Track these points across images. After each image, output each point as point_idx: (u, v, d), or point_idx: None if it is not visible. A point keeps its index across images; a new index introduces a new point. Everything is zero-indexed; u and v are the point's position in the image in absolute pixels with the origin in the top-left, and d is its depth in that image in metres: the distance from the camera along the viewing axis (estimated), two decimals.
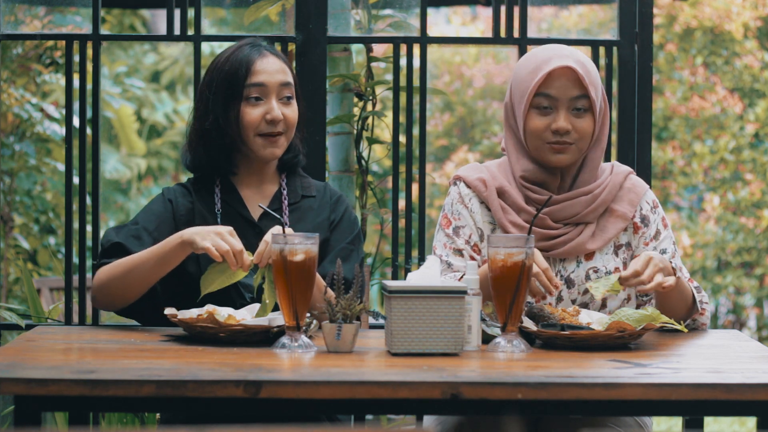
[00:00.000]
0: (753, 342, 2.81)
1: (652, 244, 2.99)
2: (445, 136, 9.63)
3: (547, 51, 2.94)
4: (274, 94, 3.01)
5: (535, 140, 2.93)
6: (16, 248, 6.41)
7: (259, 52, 3.03)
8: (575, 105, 2.91)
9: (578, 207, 2.95)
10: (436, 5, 6.74)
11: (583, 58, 2.94)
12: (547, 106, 2.91)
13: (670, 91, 8.75)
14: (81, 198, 3.71)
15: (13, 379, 2.23)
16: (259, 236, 2.96)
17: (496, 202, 2.97)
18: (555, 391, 2.26)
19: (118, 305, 2.93)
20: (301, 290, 2.55)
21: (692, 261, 8.40)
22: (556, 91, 2.90)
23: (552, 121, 2.91)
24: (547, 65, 2.89)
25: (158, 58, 10.60)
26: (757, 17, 8.78)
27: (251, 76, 3.00)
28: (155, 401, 2.31)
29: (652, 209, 3.02)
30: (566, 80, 2.90)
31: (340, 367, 2.40)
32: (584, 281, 2.95)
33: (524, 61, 2.97)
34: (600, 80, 2.96)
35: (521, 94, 2.93)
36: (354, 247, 3.04)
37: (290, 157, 3.09)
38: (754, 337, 8.57)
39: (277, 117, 2.99)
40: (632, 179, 3.03)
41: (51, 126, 6.46)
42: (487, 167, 3.04)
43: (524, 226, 2.93)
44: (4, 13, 3.85)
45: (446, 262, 2.97)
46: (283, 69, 3.03)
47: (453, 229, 3.00)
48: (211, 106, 3.01)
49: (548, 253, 2.93)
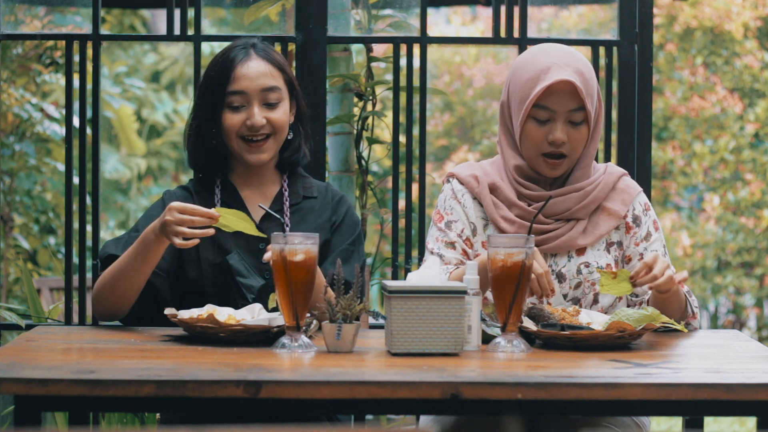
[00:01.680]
0: (753, 342, 2.81)
1: (643, 245, 3.01)
2: (445, 136, 9.63)
3: (546, 57, 2.94)
4: (256, 101, 3.00)
5: (531, 150, 2.96)
6: (16, 248, 6.41)
7: (245, 55, 3.01)
8: (572, 117, 2.93)
9: (570, 203, 2.98)
10: (436, 5, 6.74)
11: (581, 64, 2.94)
12: (546, 119, 2.92)
13: (670, 91, 8.75)
14: (81, 198, 3.71)
15: (13, 379, 2.23)
16: (260, 238, 2.96)
17: (488, 198, 3.00)
18: (555, 391, 2.26)
19: (117, 313, 2.92)
20: (301, 290, 2.55)
21: (692, 261, 8.40)
22: (554, 105, 2.91)
23: (548, 131, 2.93)
24: (546, 76, 2.89)
25: (158, 58, 10.60)
26: (757, 17, 8.78)
27: (232, 83, 2.99)
28: (155, 401, 2.31)
29: (644, 211, 3.04)
30: (565, 94, 2.91)
31: (340, 367, 2.40)
32: (576, 275, 2.97)
33: (524, 64, 2.97)
34: (596, 81, 2.97)
35: (519, 101, 2.94)
36: (355, 248, 3.04)
37: (289, 155, 3.08)
38: (754, 337, 8.57)
39: (256, 123, 2.98)
40: (626, 180, 3.05)
41: (51, 126, 6.46)
42: (480, 165, 3.07)
43: (515, 221, 2.96)
44: (4, 13, 3.85)
45: (438, 254, 2.99)
46: (269, 72, 3.01)
47: (445, 223, 3.03)
48: (198, 110, 3.03)
49: (539, 248, 2.95)
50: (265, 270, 2.96)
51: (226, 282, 2.95)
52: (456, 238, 3.00)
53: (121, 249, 2.93)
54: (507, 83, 3.00)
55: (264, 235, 2.87)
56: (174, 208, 2.76)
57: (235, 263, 2.95)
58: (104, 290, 2.88)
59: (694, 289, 8.31)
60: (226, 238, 2.97)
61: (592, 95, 2.93)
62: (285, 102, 3.03)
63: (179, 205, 2.76)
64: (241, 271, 2.94)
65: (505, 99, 3.00)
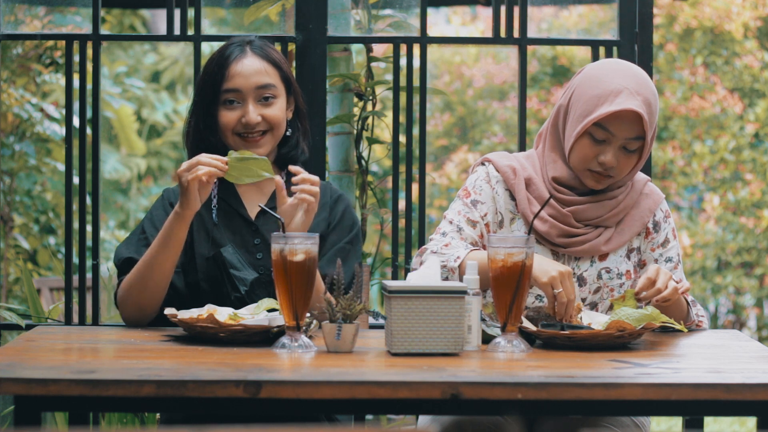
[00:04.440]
0: (753, 342, 2.81)
1: (659, 251, 3.01)
2: (445, 136, 9.63)
3: (621, 78, 2.87)
4: (250, 98, 3.00)
5: (580, 164, 2.92)
6: (16, 248, 6.41)
7: (240, 52, 3.02)
8: (628, 145, 2.88)
9: (602, 210, 2.96)
10: (436, 5, 6.74)
11: (650, 93, 2.88)
12: (602, 139, 2.89)
13: (670, 91, 8.75)
14: (81, 198, 3.71)
15: (13, 379, 2.23)
16: (256, 234, 2.98)
17: (523, 192, 2.97)
18: (555, 391, 2.26)
19: (149, 311, 2.90)
20: (301, 290, 2.55)
21: (692, 261, 8.40)
22: (615, 129, 2.86)
23: (600, 152, 2.89)
24: (616, 100, 2.84)
25: (158, 58, 10.60)
26: (757, 17, 8.77)
27: (226, 81, 3.00)
28: (155, 401, 2.31)
29: (664, 218, 3.04)
30: (628, 122, 2.86)
31: (340, 367, 2.40)
32: (596, 280, 2.96)
33: (595, 77, 2.90)
34: (658, 111, 2.91)
35: (580, 114, 2.89)
36: (352, 247, 3.04)
37: (287, 151, 3.08)
38: (754, 337, 8.57)
39: (251, 121, 2.99)
40: (650, 186, 3.05)
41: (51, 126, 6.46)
42: (516, 157, 3.04)
43: (548, 219, 2.94)
44: (4, 13, 3.85)
45: (457, 227, 2.97)
46: (264, 70, 3.02)
47: (472, 201, 3.00)
48: (196, 108, 3.04)
49: (565, 250, 2.94)
50: (260, 265, 2.97)
51: (219, 275, 2.95)
52: (479, 218, 2.98)
53: (134, 251, 2.94)
54: (571, 88, 2.94)
55: (273, 175, 2.89)
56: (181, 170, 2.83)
57: (228, 256, 2.95)
58: (132, 290, 2.88)
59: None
60: (221, 232, 2.98)
61: (653, 126, 2.89)
62: (281, 99, 3.04)
63: (184, 166, 2.83)
64: (235, 263, 2.94)
65: (565, 104, 2.95)
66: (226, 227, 3.00)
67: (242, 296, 2.92)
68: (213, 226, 3.00)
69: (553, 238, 2.94)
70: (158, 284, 2.87)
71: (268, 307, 2.74)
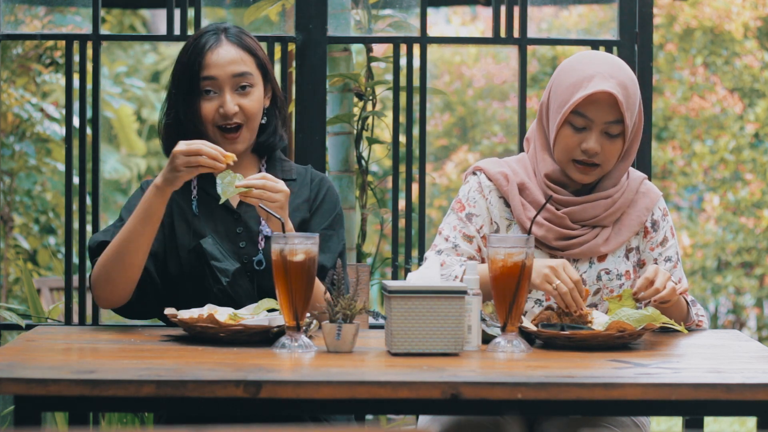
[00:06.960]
0: (753, 342, 2.81)
1: (658, 250, 3.01)
2: (445, 136, 9.63)
3: (592, 65, 2.90)
4: (227, 87, 2.98)
5: (564, 154, 2.92)
6: (16, 248, 6.41)
7: (215, 40, 2.98)
8: (608, 129, 2.89)
9: (598, 210, 2.96)
10: (436, 5, 6.74)
11: (626, 77, 2.89)
12: (582, 127, 2.90)
13: (670, 91, 8.75)
14: (81, 198, 3.71)
15: (13, 379, 2.23)
16: (238, 222, 2.96)
17: (517, 198, 2.96)
18: (555, 391, 2.26)
19: (122, 292, 2.86)
20: (301, 290, 2.55)
21: (692, 261, 8.40)
22: (592, 114, 2.87)
23: (583, 140, 2.89)
24: (589, 84, 2.86)
25: (158, 58, 10.60)
26: (757, 17, 8.78)
27: (203, 70, 2.97)
28: (155, 401, 2.31)
29: (662, 216, 3.03)
30: (604, 105, 2.87)
31: (340, 367, 2.40)
32: (595, 282, 2.96)
33: (568, 69, 2.93)
34: (639, 96, 2.92)
35: (558, 105, 2.91)
36: (334, 232, 3.02)
37: (265, 139, 3.06)
38: (754, 337, 8.57)
39: (229, 111, 2.96)
40: (647, 184, 3.04)
41: (51, 126, 6.46)
42: (507, 162, 3.03)
43: (543, 224, 2.93)
44: (4, 13, 3.85)
45: (453, 243, 2.96)
46: (240, 58, 2.98)
47: (466, 214, 2.99)
48: (173, 99, 3.02)
49: (563, 253, 2.94)
50: (243, 254, 2.96)
51: (201, 267, 2.93)
52: (474, 233, 2.97)
53: (110, 236, 2.91)
54: (549, 85, 2.97)
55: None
56: (180, 152, 2.77)
57: (208, 247, 2.92)
58: (107, 266, 2.84)
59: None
60: (202, 223, 2.96)
61: (632, 110, 2.89)
62: (258, 87, 3.01)
63: (185, 149, 2.77)
64: (216, 254, 2.92)
65: (545, 100, 2.97)
66: (207, 218, 2.97)
67: (224, 288, 2.90)
68: (193, 217, 2.97)
69: (551, 241, 2.93)
70: (133, 262, 2.83)
71: (268, 307, 2.74)
